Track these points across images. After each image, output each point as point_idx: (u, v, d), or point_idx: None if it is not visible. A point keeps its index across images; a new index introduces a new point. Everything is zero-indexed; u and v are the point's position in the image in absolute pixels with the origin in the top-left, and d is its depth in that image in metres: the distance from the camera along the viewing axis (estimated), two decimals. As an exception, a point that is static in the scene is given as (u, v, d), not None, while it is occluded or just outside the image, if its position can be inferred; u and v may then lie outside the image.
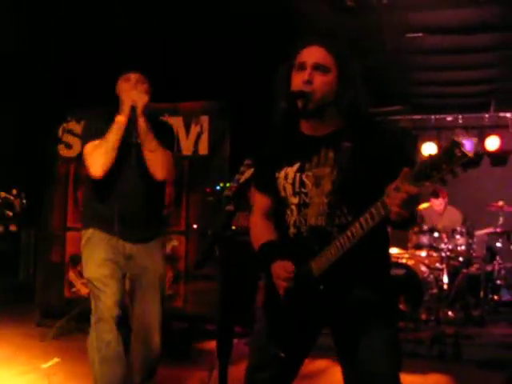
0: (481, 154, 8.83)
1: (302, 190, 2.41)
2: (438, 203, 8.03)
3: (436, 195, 7.99)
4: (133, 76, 3.74)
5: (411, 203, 1.99)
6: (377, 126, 2.46)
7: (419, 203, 2.09)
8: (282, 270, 2.38)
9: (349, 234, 2.18)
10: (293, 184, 2.44)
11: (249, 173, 2.03)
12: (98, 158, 3.56)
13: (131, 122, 3.62)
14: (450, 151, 1.87)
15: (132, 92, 3.65)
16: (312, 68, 2.35)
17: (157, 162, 3.64)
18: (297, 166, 2.44)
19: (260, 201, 2.66)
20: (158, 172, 3.67)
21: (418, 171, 1.94)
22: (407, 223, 2.20)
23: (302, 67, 2.37)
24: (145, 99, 3.63)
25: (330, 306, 2.31)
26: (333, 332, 2.45)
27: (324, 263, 2.27)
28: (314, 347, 2.53)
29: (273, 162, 2.51)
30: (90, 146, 3.64)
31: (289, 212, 2.47)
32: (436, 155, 1.90)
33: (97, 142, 3.60)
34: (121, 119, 3.59)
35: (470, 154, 1.85)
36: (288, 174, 2.45)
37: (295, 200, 2.44)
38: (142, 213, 3.71)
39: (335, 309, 2.33)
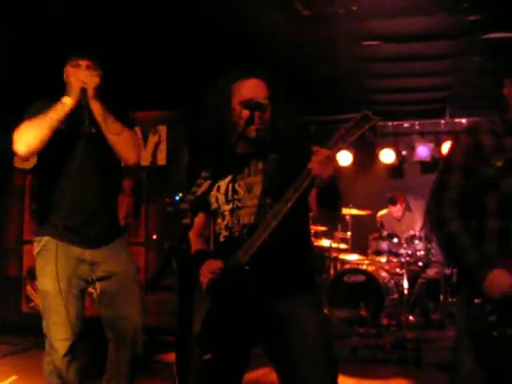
0: (438, 159, 8.97)
1: (235, 196, 2.54)
2: (395, 210, 8.13)
3: (393, 202, 8.09)
4: (82, 62, 3.30)
5: (328, 164, 2.19)
6: (296, 140, 2.64)
7: (335, 168, 2.27)
8: (208, 267, 2.45)
9: (274, 210, 2.31)
10: (225, 193, 2.58)
11: (206, 185, 2.03)
12: (28, 133, 3.14)
13: (82, 109, 3.20)
14: (360, 120, 2.20)
15: (81, 73, 3.24)
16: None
17: (126, 144, 3.30)
18: (229, 178, 2.59)
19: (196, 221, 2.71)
20: (130, 155, 3.34)
21: (334, 139, 2.23)
22: (332, 198, 2.37)
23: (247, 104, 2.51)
24: (96, 80, 3.22)
25: (259, 320, 2.39)
26: (265, 345, 2.50)
27: (250, 247, 2.34)
28: (248, 362, 2.55)
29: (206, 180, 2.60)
30: (23, 124, 3.20)
31: (220, 219, 2.59)
32: (350, 124, 2.22)
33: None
34: (67, 100, 3.17)
35: (377, 118, 2.21)
36: (220, 186, 2.60)
37: (228, 207, 2.56)
38: (99, 214, 3.36)
39: (264, 322, 2.40)
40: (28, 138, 3.14)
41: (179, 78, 6.14)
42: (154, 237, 6.29)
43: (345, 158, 8.71)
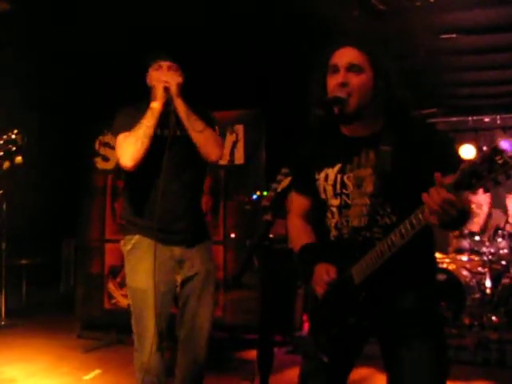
0: (521, 154, 8.67)
1: (344, 191, 2.37)
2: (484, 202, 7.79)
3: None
4: (164, 63, 3.42)
5: (450, 210, 1.92)
6: (417, 121, 2.41)
7: (461, 209, 1.95)
8: (325, 273, 2.34)
9: (389, 241, 2.14)
10: (333, 185, 2.40)
11: (286, 181, 1.99)
12: (129, 146, 3.25)
13: (167, 111, 3.33)
14: (490, 158, 1.81)
15: (163, 74, 3.36)
16: (345, 69, 2.31)
17: (208, 141, 3.37)
18: (338, 167, 2.40)
19: (298, 202, 2.63)
20: (212, 151, 3.40)
21: (457, 179, 1.88)
22: (455, 224, 2.06)
23: (336, 70, 2.34)
24: (178, 79, 3.34)
25: (372, 315, 2.27)
26: (379, 342, 2.41)
27: (365, 270, 2.23)
28: (360, 354, 2.50)
29: (312, 163, 2.48)
30: (121, 137, 3.34)
31: (329, 215, 2.43)
32: (477, 162, 1.84)
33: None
34: (155, 105, 3.28)
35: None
36: (328, 175, 2.42)
37: (336, 202, 2.40)
38: (187, 213, 3.45)
39: (378, 318, 2.29)
40: (131, 150, 3.26)
41: (256, 76, 6.17)
42: (232, 235, 6.33)
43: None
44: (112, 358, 5.94)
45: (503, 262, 7.19)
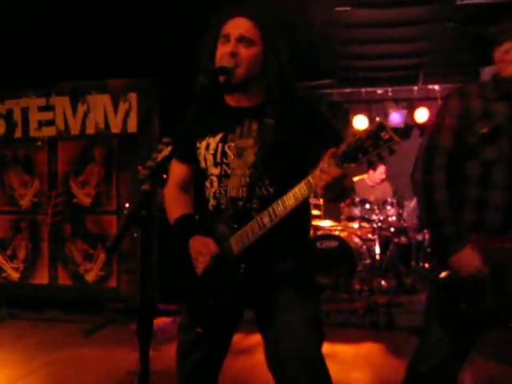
0: (410, 125, 9.02)
1: (224, 160, 2.36)
2: (378, 173, 8.03)
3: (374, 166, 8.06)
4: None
5: (336, 184, 1.97)
6: (301, 97, 2.41)
7: (345, 183, 2.04)
8: (204, 246, 2.32)
9: (271, 212, 2.16)
10: (214, 154, 2.38)
11: (166, 151, 1.96)
12: None
13: None
14: (375, 134, 1.86)
15: None
16: (236, 40, 2.29)
17: None
18: (219, 136, 2.38)
19: (177, 171, 2.58)
20: None
21: (344, 153, 1.91)
22: (338, 198, 2.16)
23: (227, 39, 2.31)
24: None
25: (250, 285, 2.28)
26: (254, 308, 2.44)
27: (244, 241, 2.24)
28: (239, 323, 2.51)
29: (194, 131, 2.45)
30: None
31: (208, 184, 2.42)
32: (363, 137, 1.87)
33: None
34: None
35: (397, 139, 1.84)
36: (210, 144, 2.40)
37: (216, 171, 2.39)
38: None
39: (254, 287, 2.30)
40: None
41: (150, 44, 6.05)
42: (127, 205, 6.25)
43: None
44: (2, 333, 5.77)
45: (392, 229, 7.50)
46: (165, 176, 2.06)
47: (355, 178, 8.25)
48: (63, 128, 6.53)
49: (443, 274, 2.48)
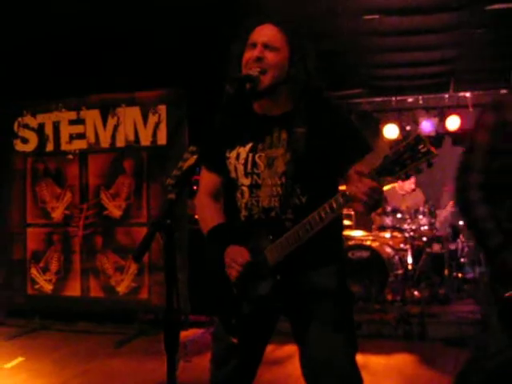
0: (442, 134, 8.91)
1: (255, 170, 2.37)
2: (408, 183, 7.96)
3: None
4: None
5: (372, 197, 1.97)
6: (329, 106, 2.40)
7: (381, 195, 2.04)
8: (238, 255, 2.32)
9: (307, 225, 2.15)
10: (245, 164, 2.39)
11: (192, 160, 1.96)
12: None
13: None
14: (413, 147, 1.86)
15: None
16: (262, 46, 2.30)
17: None
18: (249, 146, 2.39)
19: (207, 180, 2.59)
20: None
21: (381, 166, 1.93)
22: (371, 209, 2.13)
23: (254, 46, 2.32)
24: None
25: (285, 295, 2.27)
26: (289, 319, 2.43)
27: (280, 253, 2.23)
28: (272, 333, 2.51)
29: (223, 140, 2.45)
30: None
31: (239, 194, 2.42)
32: (400, 151, 1.88)
33: None
34: None
35: (435, 152, 1.84)
36: (240, 153, 2.41)
37: (247, 181, 2.39)
38: None
39: (289, 297, 2.30)
40: None
41: (178, 56, 6.09)
42: (157, 216, 6.27)
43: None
44: (35, 345, 5.83)
45: (424, 239, 7.40)
46: (195, 188, 2.06)
47: (385, 187, 8.17)
48: (94, 141, 6.59)
49: (509, 294, 2.39)
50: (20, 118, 6.80)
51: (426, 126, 8.75)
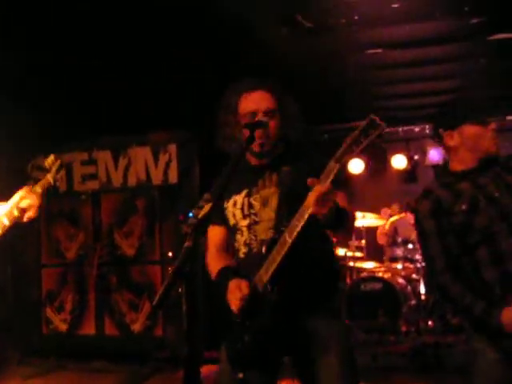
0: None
1: (251, 211, 2.56)
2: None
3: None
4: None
5: (325, 201, 2.13)
6: (309, 151, 2.66)
7: (337, 204, 2.24)
8: (236, 287, 2.43)
9: (286, 235, 2.27)
10: (242, 208, 2.59)
11: (207, 207, 2.04)
12: None
13: None
14: (367, 128, 2.09)
15: None
16: (263, 114, 2.52)
17: None
18: (244, 192, 2.60)
19: (213, 234, 2.73)
20: None
21: (341, 150, 2.14)
22: (332, 223, 2.28)
23: (254, 116, 2.53)
24: None
25: (285, 337, 2.38)
26: (291, 358, 2.50)
27: (272, 264, 2.33)
28: (279, 369, 2.54)
29: (224, 194, 2.57)
30: None
31: (239, 235, 2.59)
32: (356, 134, 2.11)
33: None
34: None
35: (383, 124, 2.10)
36: (236, 200, 2.61)
37: (245, 222, 2.57)
38: None
39: (289, 341, 2.40)
40: None
41: (188, 97, 6.19)
42: (170, 254, 6.32)
43: (356, 165, 8.76)
44: (52, 384, 5.85)
45: (436, 268, 7.37)
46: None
47: (395, 218, 8.21)
48: (106, 181, 6.68)
49: None
50: (33, 160, 6.89)
51: (434, 154, 8.78)
